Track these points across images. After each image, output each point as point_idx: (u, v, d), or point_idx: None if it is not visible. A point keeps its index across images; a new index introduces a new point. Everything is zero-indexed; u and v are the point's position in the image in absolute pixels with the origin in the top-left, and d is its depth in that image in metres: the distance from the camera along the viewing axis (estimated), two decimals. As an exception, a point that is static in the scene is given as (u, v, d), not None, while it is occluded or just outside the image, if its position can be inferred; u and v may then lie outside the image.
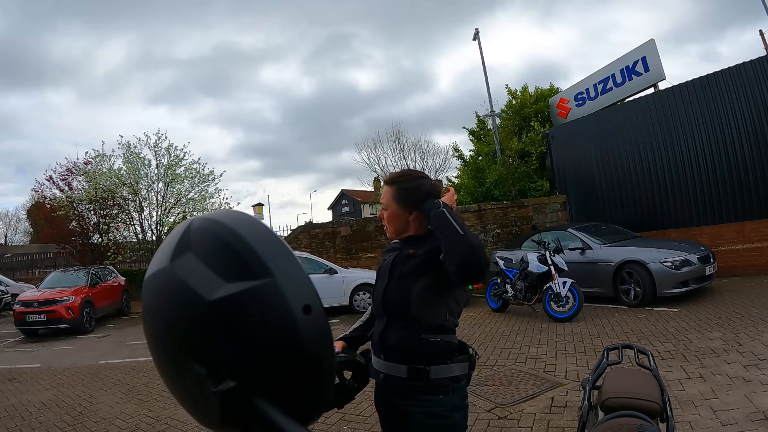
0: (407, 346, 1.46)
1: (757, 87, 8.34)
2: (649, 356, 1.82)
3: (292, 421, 0.43)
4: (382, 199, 1.63)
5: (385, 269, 1.60)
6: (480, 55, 14.45)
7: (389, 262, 1.59)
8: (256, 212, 19.97)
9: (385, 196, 1.61)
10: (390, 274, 1.56)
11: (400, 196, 1.57)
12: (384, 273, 1.59)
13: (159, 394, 4.67)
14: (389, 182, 1.62)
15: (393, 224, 1.60)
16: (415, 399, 1.44)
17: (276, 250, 0.46)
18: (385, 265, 1.61)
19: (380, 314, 1.57)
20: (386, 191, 1.60)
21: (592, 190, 10.80)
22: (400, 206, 1.57)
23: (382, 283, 1.58)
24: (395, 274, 1.55)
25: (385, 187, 1.61)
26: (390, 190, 1.59)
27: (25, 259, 21.49)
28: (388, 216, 1.60)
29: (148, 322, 0.48)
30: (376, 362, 1.54)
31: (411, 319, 1.47)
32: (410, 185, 1.57)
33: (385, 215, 1.61)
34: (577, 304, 6.35)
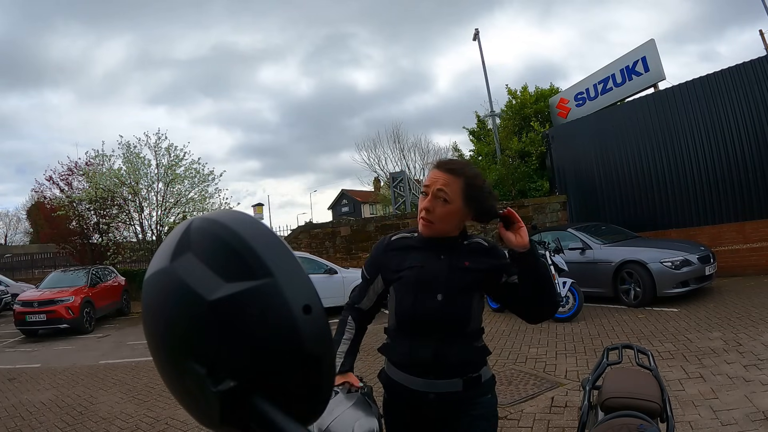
0: (466, 359, 1.37)
1: (757, 87, 8.34)
2: (649, 356, 1.82)
3: (292, 421, 0.43)
4: (442, 187, 1.33)
5: (431, 281, 1.35)
6: (480, 55, 14.48)
7: (432, 271, 1.35)
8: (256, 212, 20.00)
9: (448, 186, 1.33)
10: (446, 286, 1.34)
11: (471, 194, 1.34)
12: (430, 285, 1.35)
13: (159, 394, 4.67)
14: (456, 172, 1.35)
15: (445, 222, 1.35)
16: (467, 407, 1.35)
17: (276, 250, 0.46)
18: (427, 275, 1.36)
19: (427, 330, 1.34)
20: (451, 182, 1.33)
21: (592, 190, 10.80)
22: (466, 205, 1.34)
23: (430, 296, 1.34)
24: (453, 287, 1.35)
25: (446, 175, 1.34)
26: (457, 183, 1.33)
27: (25, 259, 21.50)
28: (444, 212, 1.33)
29: (148, 322, 0.48)
30: (420, 383, 1.35)
31: (467, 333, 1.37)
32: (481, 185, 1.36)
33: (439, 209, 1.33)
34: (577, 304, 6.35)
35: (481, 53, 14.47)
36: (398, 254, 1.42)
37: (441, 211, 1.33)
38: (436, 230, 1.36)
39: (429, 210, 1.34)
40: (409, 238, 1.44)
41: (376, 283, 1.47)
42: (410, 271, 1.37)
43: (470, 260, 1.37)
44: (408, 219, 12.50)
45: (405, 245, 1.43)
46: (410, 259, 1.39)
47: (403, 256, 1.41)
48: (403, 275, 1.38)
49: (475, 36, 14.67)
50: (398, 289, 1.39)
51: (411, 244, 1.42)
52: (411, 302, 1.36)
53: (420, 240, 1.40)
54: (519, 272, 1.34)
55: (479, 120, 16.30)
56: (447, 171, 1.35)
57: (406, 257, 1.40)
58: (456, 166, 1.37)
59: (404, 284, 1.38)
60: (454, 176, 1.34)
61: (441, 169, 1.36)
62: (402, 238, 1.45)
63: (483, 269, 1.38)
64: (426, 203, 1.34)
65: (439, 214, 1.33)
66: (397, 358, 1.40)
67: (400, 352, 1.39)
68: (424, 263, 1.37)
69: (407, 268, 1.38)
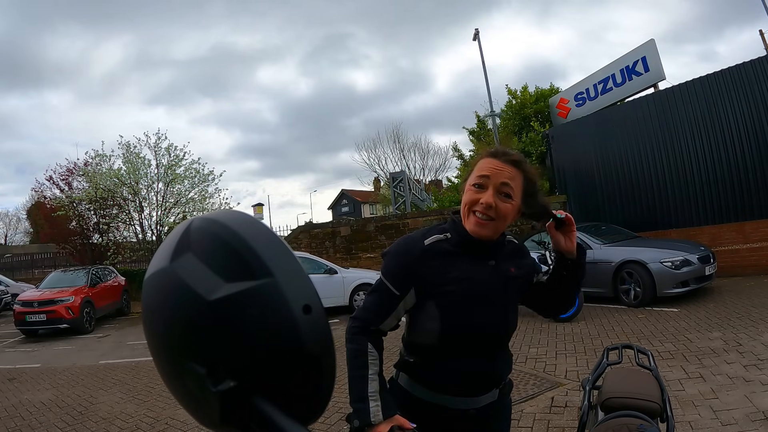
0: (507, 369, 1.32)
1: (757, 87, 8.34)
2: (649, 356, 1.82)
3: (292, 421, 0.43)
4: (507, 180, 1.18)
5: (486, 294, 1.21)
6: (480, 55, 14.47)
7: (485, 282, 1.21)
8: (256, 212, 20.00)
9: (513, 180, 1.18)
10: (503, 298, 1.24)
11: (530, 191, 1.22)
12: (486, 299, 1.21)
13: (159, 394, 4.66)
14: (519, 165, 1.21)
15: (504, 221, 1.20)
16: (497, 412, 1.30)
17: (276, 250, 0.46)
18: (481, 288, 1.21)
19: (479, 349, 1.22)
20: (515, 175, 1.19)
21: (592, 190, 10.80)
22: (524, 203, 1.22)
23: (487, 312, 1.21)
24: (509, 299, 1.26)
25: (510, 167, 1.19)
26: (519, 177, 1.20)
27: (25, 259, 21.50)
28: (506, 209, 1.18)
29: (148, 323, 0.48)
30: (459, 401, 1.22)
31: (508, 343, 1.32)
32: (535, 179, 1.24)
33: (501, 205, 1.17)
34: (577, 304, 6.34)
35: (481, 53, 14.47)
36: (437, 262, 1.20)
37: (503, 209, 1.17)
38: (493, 230, 1.19)
39: (490, 206, 1.16)
40: (444, 241, 1.23)
41: (408, 298, 1.21)
42: (459, 285, 1.19)
43: (515, 265, 1.28)
44: (408, 219, 12.50)
45: (442, 250, 1.21)
46: (454, 268, 1.20)
47: (443, 265, 1.20)
48: (451, 290, 1.19)
49: (475, 36, 14.67)
50: (444, 306, 1.20)
51: (448, 248, 1.22)
52: (465, 320, 1.20)
53: (458, 243, 1.22)
54: (561, 275, 1.27)
55: (479, 120, 16.32)
56: (511, 163, 1.19)
57: (447, 266, 1.20)
58: (518, 157, 1.22)
59: (453, 300, 1.19)
60: (517, 169, 1.19)
61: (503, 160, 1.19)
62: (437, 241, 1.23)
63: (525, 273, 1.30)
64: (488, 198, 1.16)
65: (501, 211, 1.17)
66: (435, 381, 1.22)
67: (442, 375, 1.21)
68: (473, 273, 1.20)
69: (454, 281, 1.19)
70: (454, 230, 1.24)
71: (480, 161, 1.23)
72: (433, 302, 1.20)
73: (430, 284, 1.19)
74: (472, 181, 1.21)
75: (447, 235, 1.24)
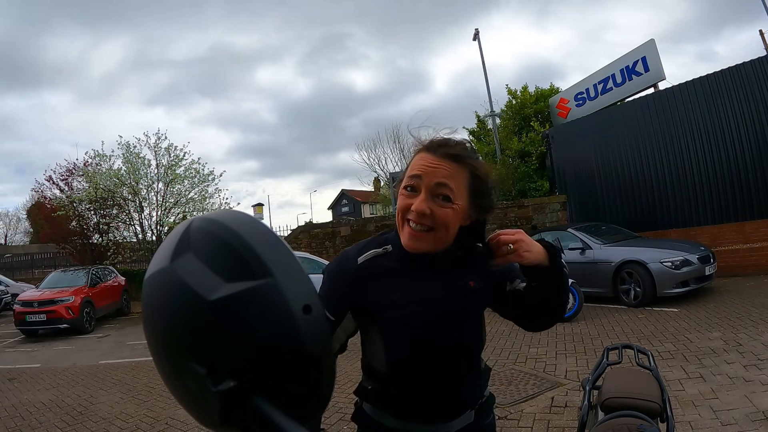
0: (479, 388, 1.12)
1: (757, 87, 8.34)
2: (649, 356, 1.82)
3: (292, 421, 0.44)
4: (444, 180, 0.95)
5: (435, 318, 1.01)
6: (480, 55, 14.48)
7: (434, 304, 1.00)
8: (256, 212, 19.98)
9: (453, 179, 0.95)
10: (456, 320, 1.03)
11: (478, 188, 1.00)
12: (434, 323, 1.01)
13: (159, 394, 4.66)
14: (461, 159, 0.97)
15: (446, 231, 0.97)
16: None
17: (276, 250, 0.46)
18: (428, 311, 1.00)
19: (436, 376, 1.03)
20: (456, 173, 0.96)
21: (592, 190, 10.81)
22: (472, 204, 1.00)
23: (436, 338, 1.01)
24: (465, 319, 1.05)
25: (449, 163, 0.96)
26: (463, 175, 0.97)
27: (25, 259, 21.50)
28: (446, 216, 0.95)
29: (148, 322, 0.48)
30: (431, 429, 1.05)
31: (478, 360, 1.12)
32: (485, 176, 1.01)
33: (438, 211, 0.94)
34: (577, 304, 6.35)
35: (481, 53, 14.48)
36: (375, 283, 1.01)
37: (441, 215, 0.95)
38: (432, 242, 0.97)
39: (424, 213, 0.94)
40: (383, 257, 1.03)
41: (346, 323, 1.03)
42: (403, 310, 0.99)
43: (474, 277, 1.04)
44: (408, 219, 12.48)
45: (381, 268, 1.01)
46: (396, 288, 1.00)
47: (383, 285, 1.00)
48: (393, 315, 0.99)
49: (475, 36, 14.67)
50: (387, 334, 1.01)
51: (390, 265, 1.01)
52: (413, 349, 1.01)
53: (401, 257, 1.01)
54: (531, 286, 1.06)
55: (479, 120, 16.30)
56: (449, 158, 0.96)
57: (387, 286, 1.00)
58: (458, 150, 0.98)
59: (397, 328, 1.00)
60: (458, 164, 0.97)
61: (439, 155, 0.96)
62: (374, 257, 1.03)
63: (489, 284, 1.07)
64: (419, 204, 0.94)
65: (439, 218, 0.95)
66: (398, 408, 1.06)
67: (404, 402, 1.05)
68: (420, 294, 1.00)
69: (396, 306, 0.99)
70: (395, 242, 1.02)
71: (415, 157, 1.00)
72: (375, 328, 1.03)
73: (367, 309, 1.01)
74: (404, 183, 0.99)
75: (387, 248, 1.03)
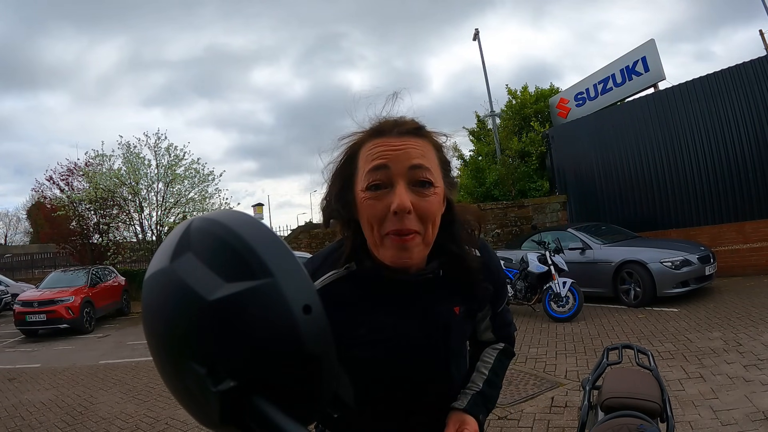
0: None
1: (757, 87, 8.34)
2: (649, 356, 1.82)
3: (292, 421, 0.44)
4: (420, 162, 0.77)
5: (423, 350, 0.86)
6: (480, 55, 14.47)
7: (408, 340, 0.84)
8: (256, 212, 19.97)
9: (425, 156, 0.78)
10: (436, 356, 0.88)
11: (444, 161, 0.84)
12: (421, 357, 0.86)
13: (159, 394, 4.67)
14: (418, 131, 0.80)
15: (433, 225, 0.79)
16: None
17: (276, 250, 0.46)
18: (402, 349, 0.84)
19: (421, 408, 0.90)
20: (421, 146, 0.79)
21: (592, 190, 10.81)
22: (445, 182, 0.82)
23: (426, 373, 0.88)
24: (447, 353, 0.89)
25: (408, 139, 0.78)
26: (429, 147, 0.81)
27: (25, 259, 21.50)
28: (431, 204, 0.77)
29: (147, 323, 0.48)
30: None
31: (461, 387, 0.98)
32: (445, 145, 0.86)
33: (423, 202, 0.76)
34: (577, 304, 6.35)
35: (481, 53, 14.47)
36: (337, 315, 0.67)
37: (426, 206, 0.76)
38: (425, 247, 0.79)
39: (409, 209, 0.74)
40: (345, 280, 0.84)
41: None
42: (373, 349, 0.83)
43: (461, 299, 0.88)
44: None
45: (344, 297, 0.83)
46: (364, 321, 0.83)
47: (348, 318, 0.81)
48: (361, 354, 0.82)
49: (475, 36, 14.67)
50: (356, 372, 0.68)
51: (354, 291, 0.83)
52: (385, 389, 0.86)
53: (365, 279, 0.83)
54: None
55: (479, 120, 16.30)
56: (411, 133, 0.79)
57: (354, 319, 0.82)
58: (417, 123, 0.82)
59: (366, 366, 0.82)
60: (423, 139, 0.80)
61: (397, 133, 0.78)
62: (334, 282, 0.84)
63: (477, 307, 0.94)
64: (401, 198, 0.74)
65: (426, 210, 0.76)
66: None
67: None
68: (394, 327, 0.83)
69: (364, 344, 0.82)
70: (358, 257, 0.83)
71: (363, 149, 0.79)
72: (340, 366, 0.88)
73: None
74: (363, 182, 0.77)
75: (350, 267, 0.84)
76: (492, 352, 1.03)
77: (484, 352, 1.03)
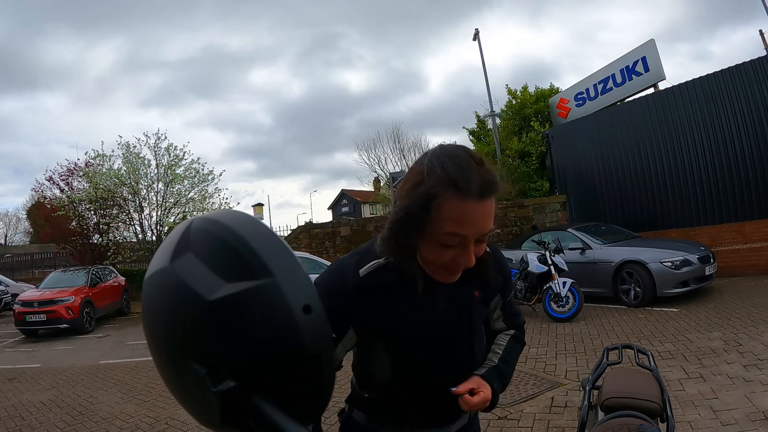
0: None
1: (757, 87, 8.34)
2: (649, 356, 1.82)
3: (292, 421, 0.44)
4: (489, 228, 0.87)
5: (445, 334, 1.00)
6: (480, 55, 14.49)
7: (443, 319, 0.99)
8: (256, 212, 19.99)
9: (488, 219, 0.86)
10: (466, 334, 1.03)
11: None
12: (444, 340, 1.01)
13: (159, 394, 4.66)
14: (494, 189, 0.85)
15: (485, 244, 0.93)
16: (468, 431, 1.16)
17: (276, 250, 0.46)
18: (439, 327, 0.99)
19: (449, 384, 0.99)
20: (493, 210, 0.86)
21: (592, 190, 10.81)
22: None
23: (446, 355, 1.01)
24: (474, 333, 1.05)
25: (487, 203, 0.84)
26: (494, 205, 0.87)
27: (25, 259, 21.49)
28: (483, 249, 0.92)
29: (148, 322, 0.48)
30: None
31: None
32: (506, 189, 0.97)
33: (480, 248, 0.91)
34: (577, 304, 6.35)
35: (481, 53, 14.49)
36: (377, 298, 0.94)
37: (481, 250, 0.92)
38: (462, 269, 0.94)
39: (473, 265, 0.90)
40: (385, 268, 0.95)
41: (347, 339, 0.97)
42: (409, 328, 0.96)
43: (477, 285, 1.02)
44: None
45: (383, 283, 0.95)
46: (400, 305, 0.95)
47: (386, 302, 0.95)
48: (399, 333, 0.97)
49: (475, 36, 14.68)
50: (392, 351, 0.99)
51: (394, 279, 0.94)
52: (421, 367, 1.00)
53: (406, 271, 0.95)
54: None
55: (479, 120, 16.30)
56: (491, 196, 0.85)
57: (391, 303, 0.95)
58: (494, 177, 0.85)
59: (403, 345, 0.98)
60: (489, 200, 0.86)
61: (480, 198, 0.83)
62: (376, 270, 0.96)
63: (489, 293, 1.07)
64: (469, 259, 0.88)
65: (478, 254, 0.91)
66: (397, 417, 1.05)
67: (404, 411, 1.04)
68: (426, 309, 0.96)
69: (402, 324, 0.96)
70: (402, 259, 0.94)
71: (441, 203, 0.82)
72: (378, 344, 1.00)
73: (371, 326, 0.97)
74: (437, 238, 0.86)
75: (389, 260, 0.95)
76: (504, 337, 1.18)
77: (497, 338, 1.18)
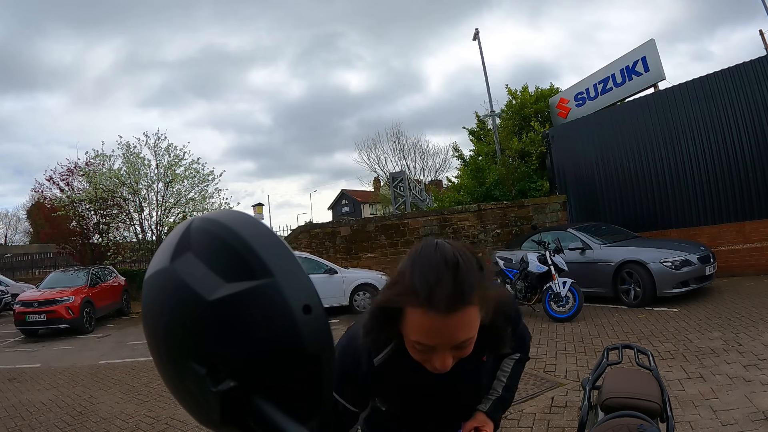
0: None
1: (757, 87, 8.34)
2: (649, 356, 1.82)
3: (292, 421, 0.44)
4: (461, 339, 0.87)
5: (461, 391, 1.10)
6: (480, 55, 14.49)
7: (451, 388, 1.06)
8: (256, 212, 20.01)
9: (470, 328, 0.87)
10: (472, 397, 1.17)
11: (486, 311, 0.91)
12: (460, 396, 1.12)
13: (159, 394, 4.67)
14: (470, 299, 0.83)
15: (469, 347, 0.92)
16: None
17: (276, 250, 0.46)
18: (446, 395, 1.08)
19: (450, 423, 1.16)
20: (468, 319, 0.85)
21: (592, 190, 10.81)
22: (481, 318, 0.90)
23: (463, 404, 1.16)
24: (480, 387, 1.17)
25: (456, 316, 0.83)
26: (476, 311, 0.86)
27: (25, 259, 21.50)
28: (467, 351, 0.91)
29: (147, 323, 0.48)
30: None
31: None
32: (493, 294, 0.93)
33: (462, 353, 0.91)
34: (577, 304, 6.35)
35: (481, 53, 14.49)
36: (392, 378, 1.02)
37: (462, 355, 0.92)
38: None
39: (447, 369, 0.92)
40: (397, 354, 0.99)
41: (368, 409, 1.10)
42: (423, 399, 1.07)
43: (485, 350, 1.06)
44: (408, 219, 12.49)
45: (398, 366, 1.00)
46: (413, 380, 1.01)
47: (400, 379, 1.03)
48: (413, 401, 1.08)
49: (475, 36, 14.68)
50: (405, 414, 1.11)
51: (405, 361, 0.97)
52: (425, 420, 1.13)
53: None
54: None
55: (479, 120, 16.30)
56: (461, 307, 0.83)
57: (405, 379, 1.02)
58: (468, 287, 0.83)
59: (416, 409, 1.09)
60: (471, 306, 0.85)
61: (446, 313, 0.82)
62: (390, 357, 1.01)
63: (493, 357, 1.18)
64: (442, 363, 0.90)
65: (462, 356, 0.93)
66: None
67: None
68: (438, 383, 1.01)
69: (416, 396, 1.06)
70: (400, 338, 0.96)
71: (409, 312, 0.85)
72: (387, 406, 1.09)
73: (386, 398, 1.07)
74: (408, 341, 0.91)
75: (396, 343, 0.97)
76: (509, 362, 1.26)
77: (503, 363, 1.25)
